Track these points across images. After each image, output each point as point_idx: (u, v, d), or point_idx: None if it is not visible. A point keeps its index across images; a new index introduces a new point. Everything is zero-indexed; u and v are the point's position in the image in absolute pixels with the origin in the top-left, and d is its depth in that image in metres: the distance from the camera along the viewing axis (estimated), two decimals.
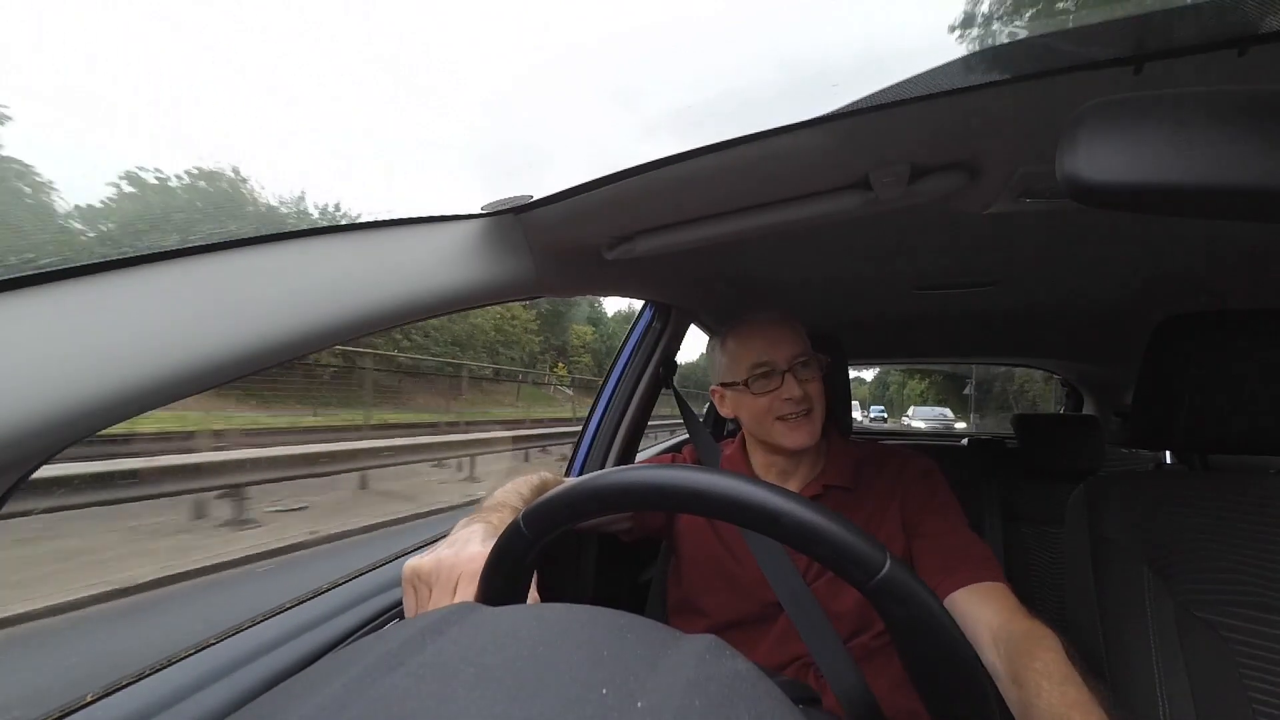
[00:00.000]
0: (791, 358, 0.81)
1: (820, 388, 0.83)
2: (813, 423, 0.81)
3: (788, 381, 0.80)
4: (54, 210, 10.19)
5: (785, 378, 0.80)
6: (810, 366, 0.82)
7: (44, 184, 12.83)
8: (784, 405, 0.80)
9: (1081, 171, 0.31)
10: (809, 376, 0.82)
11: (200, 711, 0.47)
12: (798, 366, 0.81)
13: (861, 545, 0.33)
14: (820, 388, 0.83)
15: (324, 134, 73.08)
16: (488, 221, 0.63)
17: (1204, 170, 0.28)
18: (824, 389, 0.84)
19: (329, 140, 74.05)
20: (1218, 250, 0.93)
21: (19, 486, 0.34)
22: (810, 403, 0.81)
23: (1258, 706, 0.65)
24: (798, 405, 0.80)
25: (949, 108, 0.45)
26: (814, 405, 0.81)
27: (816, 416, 0.81)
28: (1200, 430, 0.75)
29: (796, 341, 0.83)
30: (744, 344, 0.84)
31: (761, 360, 0.82)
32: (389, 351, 13.12)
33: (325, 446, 5.68)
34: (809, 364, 0.82)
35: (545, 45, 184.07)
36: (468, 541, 0.53)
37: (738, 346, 0.85)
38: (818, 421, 0.82)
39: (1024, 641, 0.58)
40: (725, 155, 0.52)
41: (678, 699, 0.21)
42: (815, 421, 0.81)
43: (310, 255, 0.48)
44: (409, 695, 0.21)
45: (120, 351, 0.36)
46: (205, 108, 46.76)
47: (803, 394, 0.80)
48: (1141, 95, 0.31)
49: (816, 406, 0.82)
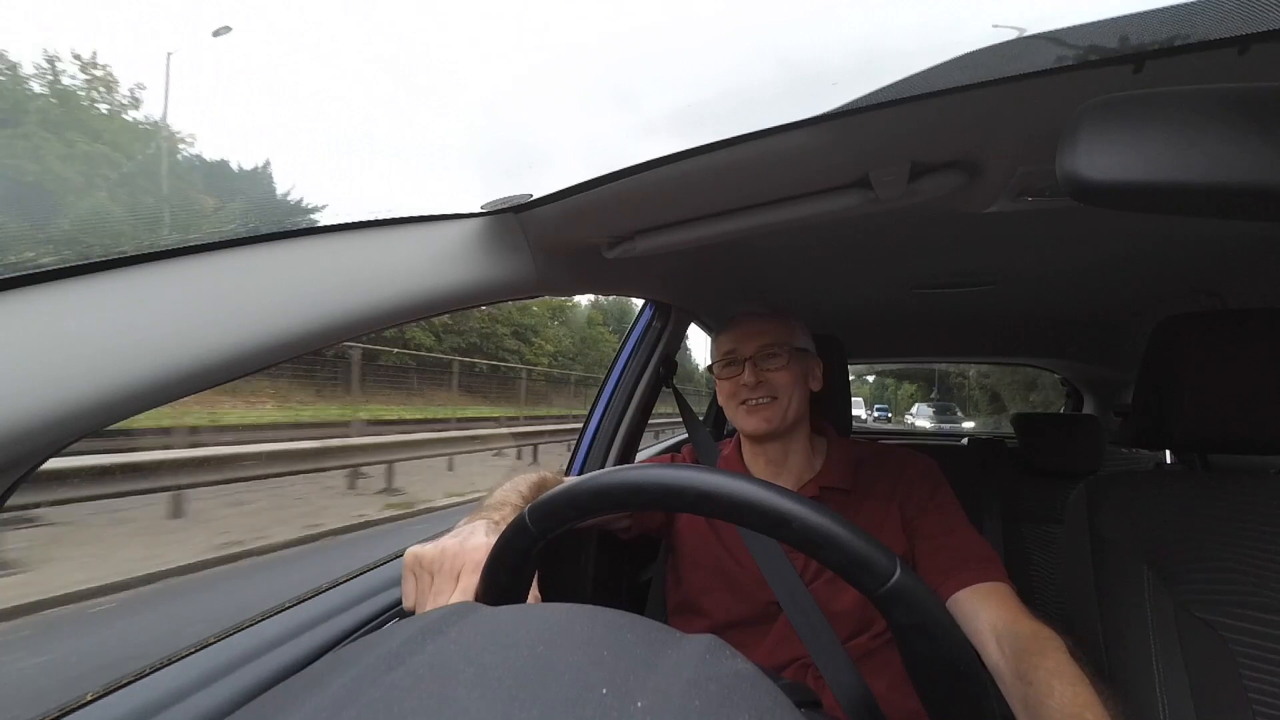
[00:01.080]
0: (758, 348, 0.85)
1: (789, 379, 0.84)
2: (773, 411, 0.83)
3: (746, 369, 0.84)
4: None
5: (746, 365, 0.84)
6: (777, 357, 0.84)
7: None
8: (742, 391, 0.85)
9: (1081, 170, 0.31)
10: (773, 366, 0.84)
11: (201, 711, 0.47)
12: (761, 356, 0.84)
13: (872, 552, 0.33)
14: (789, 379, 0.84)
15: (320, 133, 72.94)
16: (487, 220, 0.63)
17: (1204, 169, 0.28)
18: (799, 381, 0.85)
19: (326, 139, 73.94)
20: (1218, 250, 0.93)
21: (21, 484, 0.34)
22: (774, 391, 0.83)
23: (1257, 707, 0.65)
24: (753, 392, 0.83)
25: (949, 107, 0.45)
26: (779, 394, 0.83)
27: (780, 406, 0.83)
28: (1200, 430, 0.75)
29: (769, 333, 0.86)
30: (723, 334, 0.91)
31: (728, 349, 0.88)
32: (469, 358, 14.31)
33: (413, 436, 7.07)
34: (776, 355, 0.84)
35: (545, 45, 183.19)
36: (472, 533, 0.53)
37: (719, 335, 0.92)
38: (781, 411, 0.83)
39: (1032, 641, 0.58)
40: (725, 154, 0.52)
41: (678, 699, 0.21)
42: (777, 410, 0.83)
43: (310, 254, 0.48)
44: (409, 695, 0.21)
45: (120, 350, 0.36)
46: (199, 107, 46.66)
47: (757, 381, 0.83)
48: (1141, 94, 0.30)
49: (782, 396, 0.83)
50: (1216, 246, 0.91)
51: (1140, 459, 1.74)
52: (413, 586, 0.51)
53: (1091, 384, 2.28)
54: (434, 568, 0.50)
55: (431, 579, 0.50)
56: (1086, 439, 1.51)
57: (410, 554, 0.52)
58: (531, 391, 15.77)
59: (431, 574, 0.50)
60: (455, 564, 0.50)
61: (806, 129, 0.48)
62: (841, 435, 0.95)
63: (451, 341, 15.12)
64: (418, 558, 0.51)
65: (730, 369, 0.87)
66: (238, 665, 0.51)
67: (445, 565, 0.50)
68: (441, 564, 0.50)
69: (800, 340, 0.88)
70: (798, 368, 0.85)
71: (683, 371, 1.35)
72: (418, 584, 0.51)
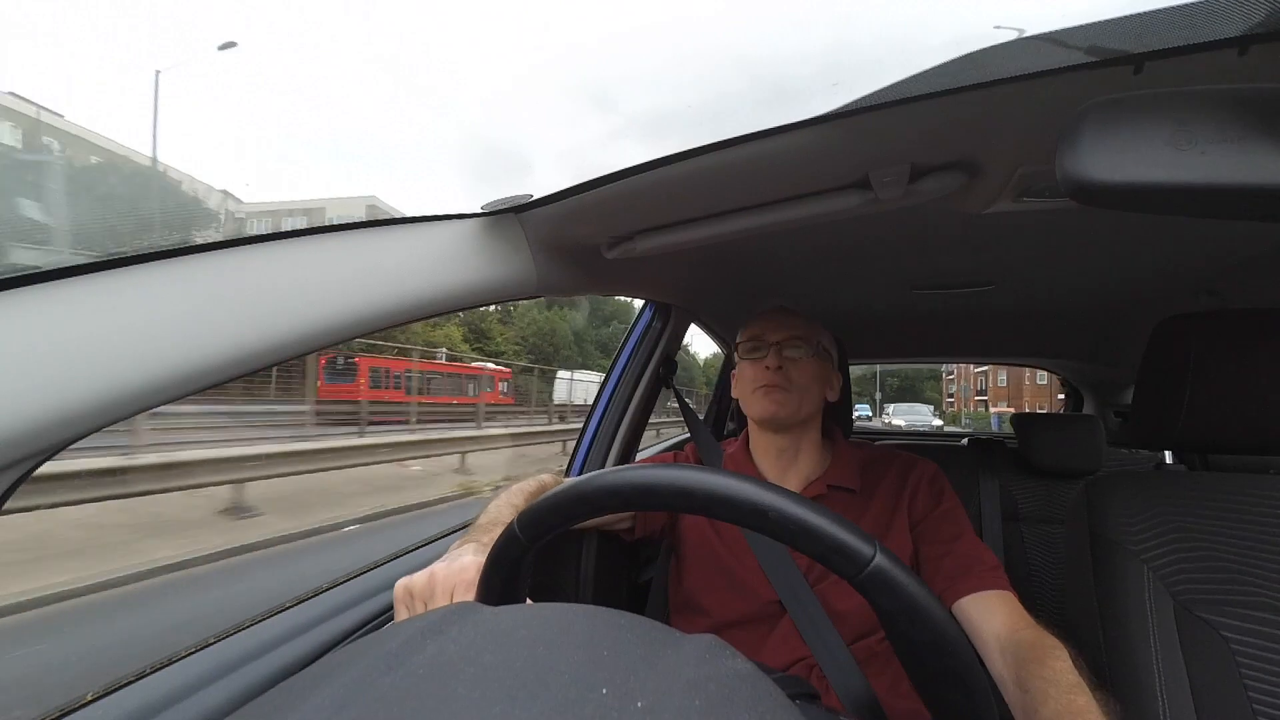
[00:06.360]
0: (785, 337, 0.85)
1: (809, 372, 0.84)
2: (788, 397, 0.83)
3: (770, 353, 0.84)
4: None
5: (770, 350, 0.85)
6: (799, 348, 0.85)
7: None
8: (763, 374, 0.84)
9: (1081, 171, 0.31)
10: (796, 357, 0.85)
11: (201, 711, 0.47)
12: (787, 344, 0.85)
13: (849, 537, 0.33)
14: (809, 372, 0.84)
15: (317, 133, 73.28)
16: (487, 221, 0.63)
17: (1204, 170, 0.28)
18: (817, 379, 0.85)
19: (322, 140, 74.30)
20: (1218, 250, 0.93)
21: (20, 485, 0.34)
22: (792, 382, 0.83)
23: (1258, 706, 0.65)
24: (773, 376, 0.83)
25: (949, 107, 0.45)
26: (794, 385, 0.83)
27: (795, 397, 0.83)
28: (1200, 430, 0.75)
29: (797, 326, 0.87)
30: (752, 322, 0.92)
31: (755, 333, 0.88)
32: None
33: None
34: (799, 346, 0.85)
35: (544, 45, 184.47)
36: (460, 555, 0.53)
37: (748, 324, 0.92)
38: (796, 401, 0.83)
39: (1032, 649, 0.58)
40: (725, 154, 0.52)
41: (678, 699, 0.21)
42: (792, 399, 0.83)
43: (310, 255, 0.48)
44: (409, 695, 0.21)
45: (120, 350, 0.36)
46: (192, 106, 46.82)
47: (779, 365, 0.83)
48: (1141, 94, 0.30)
49: (797, 387, 0.83)
50: (1216, 246, 0.91)
51: (1140, 459, 1.74)
52: (405, 617, 0.51)
53: (1091, 384, 2.28)
54: (426, 595, 0.50)
55: (425, 606, 0.50)
56: (1086, 439, 1.51)
57: (400, 586, 0.52)
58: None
59: (424, 602, 0.50)
60: (446, 586, 0.50)
61: (806, 129, 0.48)
62: (845, 436, 0.95)
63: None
64: (408, 589, 0.51)
65: (755, 352, 0.87)
66: (238, 665, 0.52)
67: (437, 590, 0.50)
68: (433, 590, 0.50)
69: (826, 343, 0.89)
70: (819, 366, 0.86)
71: (682, 373, 1.35)
72: (410, 615, 0.51)
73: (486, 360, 20.93)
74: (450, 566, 0.52)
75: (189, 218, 16.85)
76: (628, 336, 1.23)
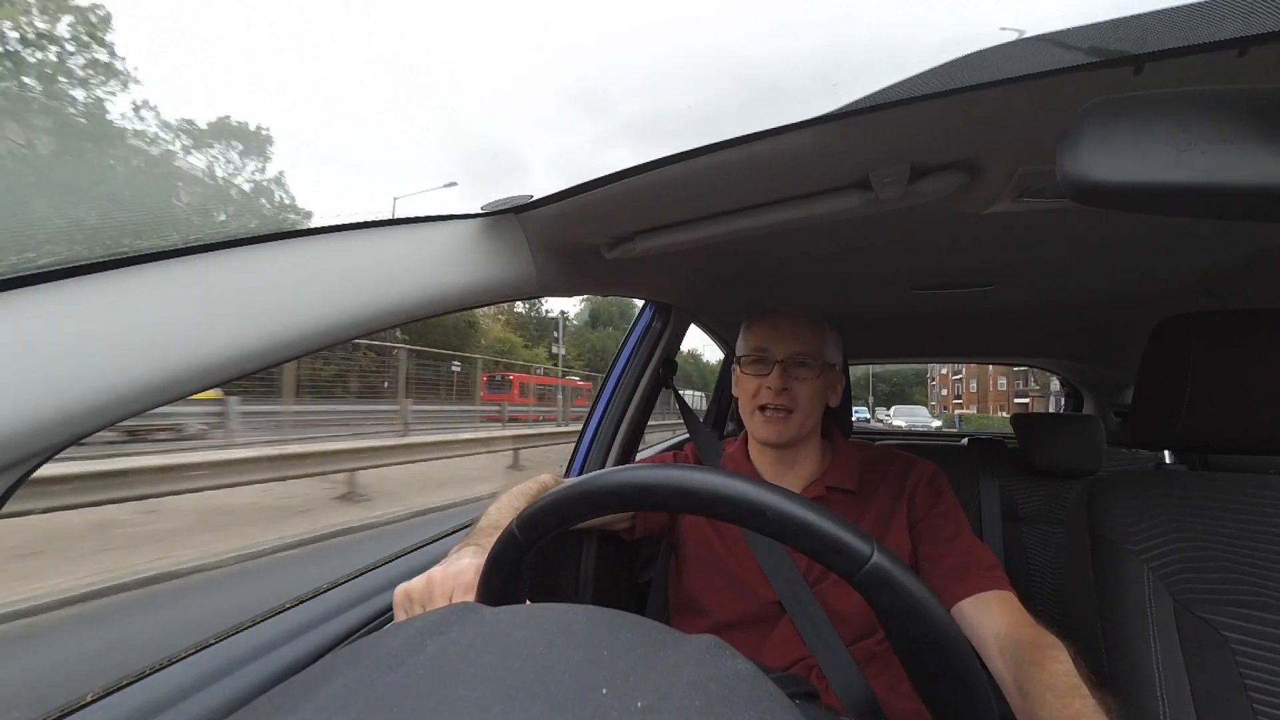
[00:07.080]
0: (791, 354, 0.82)
1: (812, 392, 0.82)
2: (789, 424, 0.81)
3: (774, 373, 0.81)
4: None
5: (775, 369, 0.82)
6: (808, 367, 0.82)
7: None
8: (765, 394, 0.82)
9: (1082, 171, 0.31)
10: (802, 376, 0.82)
11: (200, 711, 0.47)
12: (791, 364, 0.82)
13: (847, 536, 0.33)
14: (812, 392, 0.82)
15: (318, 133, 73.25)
16: (487, 221, 0.63)
17: (1204, 170, 0.28)
18: (819, 395, 0.84)
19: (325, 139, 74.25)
20: (1218, 250, 0.93)
21: (20, 485, 0.34)
22: (795, 403, 0.81)
23: (1258, 706, 0.65)
24: (776, 398, 0.81)
25: (949, 107, 0.45)
26: (797, 407, 0.81)
27: (797, 420, 0.82)
28: (1200, 430, 0.75)
29: (805, 340, 0.83)
30: (755, 326, 0.87)
31: (760, 345, 0.84)
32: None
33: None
34: (807, 365, 0.82)
35: (545, 45, 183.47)
36: (459, 558, 0.54)
37: (751, 326, 0.88)
38: (797, 424, 0.82)
39: (1031, 650, 0.58)
40: (725, 155, 0.52)
41: (678, 699, 0.21)
42: (793, 424, 0.81)
43: (310, 255, 0.48)
44: (409, 695, 0.21)
45: (120, 350, 0.36)
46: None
47: (783, 388, 0.81)
48: (1142, 95, 0.30)
49: (800, 409, 0.81)
50: (1216, 246, 0.91)
51: (1140, 459, 1.74)
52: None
53: (1091, 384, 2.28)
54: (424, 599, 0.51)
55: (424, 610, 0.50)
56: (1086, 439, 1.51)
57: (399, 592, 0.52)
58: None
59: (423, 606, 0.50)
60: (444, 589, 0.50)
61: (807, 130, 0.48)
62: (844, 437, 0.95)
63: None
64: (407, 594, 0.52)
65: (758, 366, 0.84)
66: (238, 665, 0.52)
67: (435, 594, 0.50)
68: (431, 594, 0.51)
69: (831, 354, 0.87)
70: (824, 382, 0.84)
71: (682, 373, 1.35)
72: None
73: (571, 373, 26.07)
74: (448, 569, 0.52)
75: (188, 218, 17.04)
76: (627, 337, 1.23)
